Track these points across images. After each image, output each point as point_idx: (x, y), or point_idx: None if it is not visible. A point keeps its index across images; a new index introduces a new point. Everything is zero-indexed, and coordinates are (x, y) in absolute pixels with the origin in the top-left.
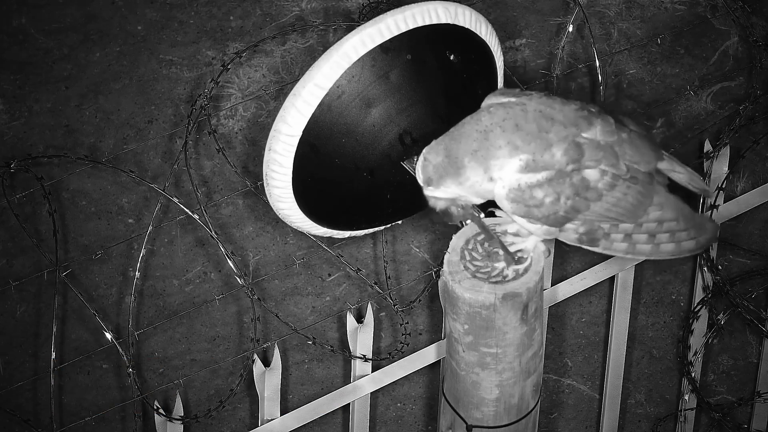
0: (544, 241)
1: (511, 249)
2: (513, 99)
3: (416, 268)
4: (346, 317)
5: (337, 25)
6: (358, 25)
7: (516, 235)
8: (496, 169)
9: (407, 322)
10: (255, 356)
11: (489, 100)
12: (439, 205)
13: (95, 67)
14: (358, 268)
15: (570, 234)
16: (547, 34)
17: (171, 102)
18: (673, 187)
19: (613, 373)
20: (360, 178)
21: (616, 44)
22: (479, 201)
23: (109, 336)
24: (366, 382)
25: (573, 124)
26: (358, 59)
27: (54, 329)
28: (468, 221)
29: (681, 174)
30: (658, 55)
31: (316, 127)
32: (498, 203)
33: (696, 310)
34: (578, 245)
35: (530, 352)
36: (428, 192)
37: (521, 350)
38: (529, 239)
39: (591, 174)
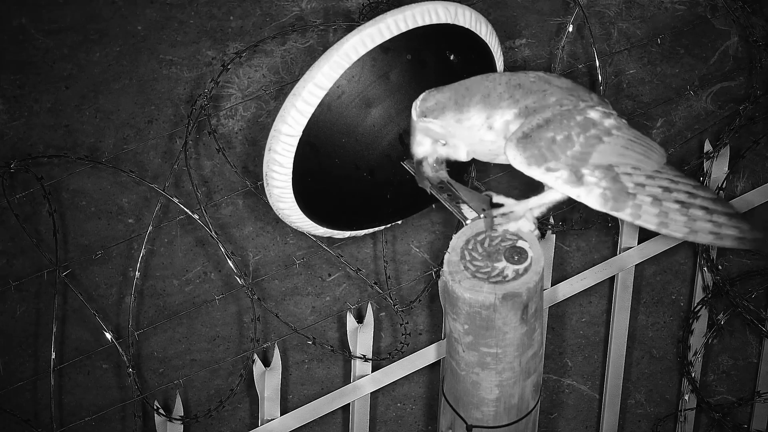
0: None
1: (499, 210)
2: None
3: (416, 268)
4: (346, 317)
5: (337, 25)
6: (358, 25)
7: (516, 235)
8: (498, 117)
9: (407, 322)
10: (255, 356)
11: None
12: (422, 149)
13: (95, 67)
14: (358, 268)
15: (593, 190)
16: (547, 34)
17: (171, 102)
18: None
19: (613, 373)
20: (360, 178)
21: (616, 44)
22: (464, 154)
23: (109, 336)
24: (366, 382)
25: (570, 88)
26: (358, 59)
27: (54, 329)
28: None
29: None
30: (658, 55)
31: (316, 127)
32: (512, 162)
33: (696, 310)
34: (605, 209)
35: (530, 352)
36: (424, 123)
37: (521, 350)
38: (521, 204)
39: (593, 113)
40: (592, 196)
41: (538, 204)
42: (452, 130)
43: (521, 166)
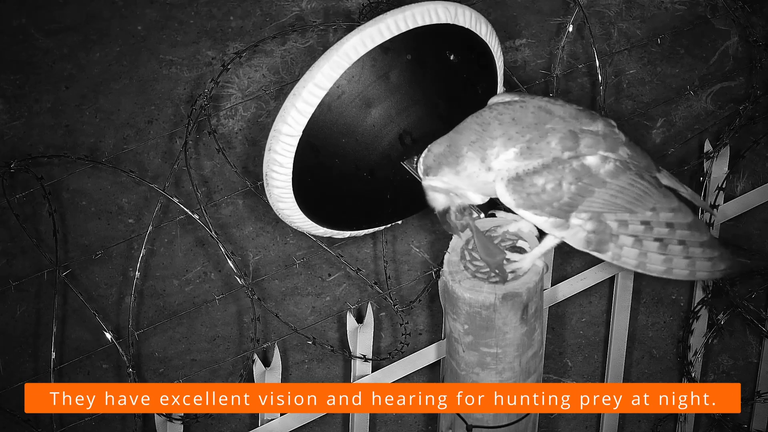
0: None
1: (507, 268)
2: (516, 98)
3: (416, 268)
4: (346, 317)
5: (337, 25)
6: (358, 25)
7: (516, 235)
8: (493, 158)
9: (407, 322)
10: (255, 356)
11: (493, 100)
12: (438, 203)
13: (95, 67)
14: (358, 268)
15: (578, 233)
16: (547, 34)
17: (171, 102)
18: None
19: (613, 373)
20: (360, 178)
21: (616, 44)
22: (477, 198)
23: (109, 336)
24: (366, 382)
25: (573, 117)
26: (358, 59)
27: (54, 329)
28: (465, 231)
29: (683, 191)
30: (658, 55)
31: (316, 127)
32: (501, 199)
33: (696, 310)
34: (587, 250)
35: (530, 352)
36: (426, 181)
37: (521, 350)
38: (526, 258)
39: (591, 161)
40: (576, 239)
41: (541, 253)
42: (454, 182)
43: (509, 205)
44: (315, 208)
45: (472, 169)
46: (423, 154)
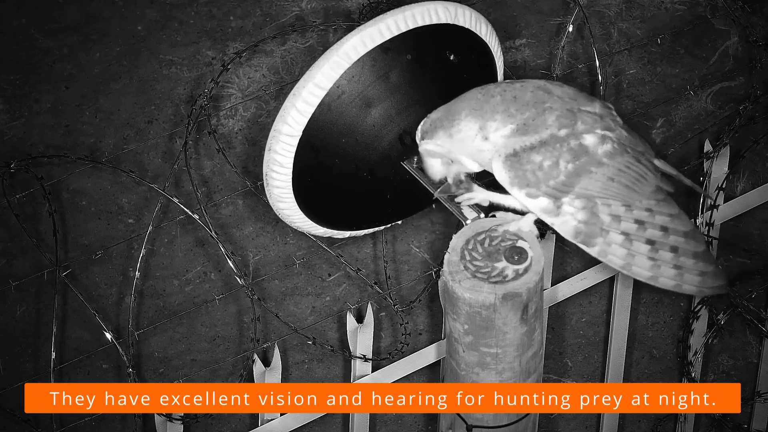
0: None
1: (510, 228)
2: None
3: (416, 268)
4: (346, 317)
5: (337, 25)
6: (358, 25)
7: (516, 235)
8: (492, 130)
9: (407, 322)
10: (255, 356)
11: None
12: (435, 170)
13: (95, 67)
14: (358, 268)
15: (568, 222)
16: (547, 34)
17: (171, 102)
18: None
19: (613, 373)
20: (360, 178)
21: (616, 44)
22: (473, 166)
23: (109, 336)
24: (366, 382)
25: (571, 98)
26: (358, 59)
27: (54, 329)
28: (462, 199)
29: (682, 179)
30: (658, 55)
31: (316, 127)
32: (496, 176)
33: (696, 310)
34: (575, 241)
35: (530, 352)
36: (422, 146)
37: (521, 350)
38: (523, 219)
39: (589, 140)
40: (565, 227)
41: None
42: (448, 146)
43: (504, 183)
44: (315, 208)
45: (467, 133)
46: (422, 122)
